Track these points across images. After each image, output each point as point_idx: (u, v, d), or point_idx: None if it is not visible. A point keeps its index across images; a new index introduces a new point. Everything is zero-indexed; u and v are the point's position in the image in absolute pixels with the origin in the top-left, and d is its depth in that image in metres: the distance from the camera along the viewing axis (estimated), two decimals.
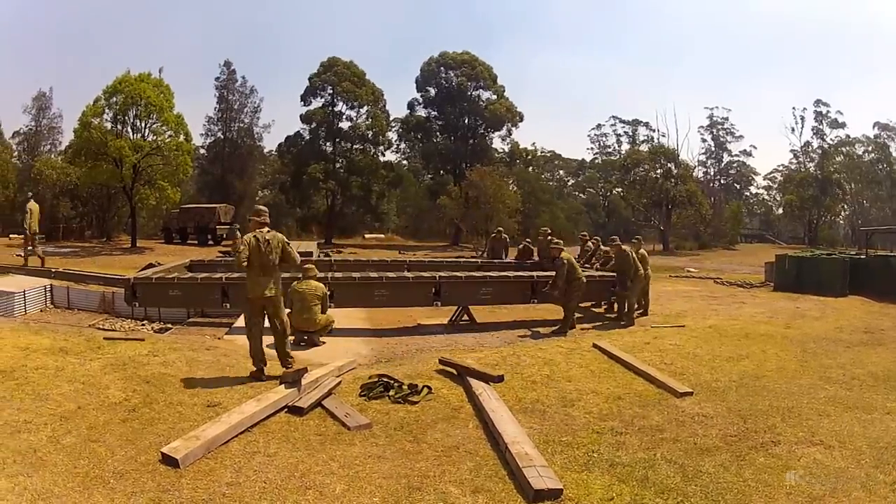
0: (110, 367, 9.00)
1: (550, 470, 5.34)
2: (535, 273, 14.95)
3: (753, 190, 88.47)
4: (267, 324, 8.90)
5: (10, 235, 54.56)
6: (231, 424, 6.48)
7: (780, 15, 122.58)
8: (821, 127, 71.04)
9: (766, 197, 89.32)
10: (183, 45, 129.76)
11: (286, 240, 8.76)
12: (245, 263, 8.40)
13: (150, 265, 19.82)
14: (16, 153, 67.37)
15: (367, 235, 65.04)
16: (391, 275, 14.52)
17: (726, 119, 75.71)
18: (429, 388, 8.16)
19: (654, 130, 75.68)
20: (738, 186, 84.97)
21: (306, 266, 11.88)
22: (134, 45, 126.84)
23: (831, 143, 70.87)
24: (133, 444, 6.15)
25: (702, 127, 75.57)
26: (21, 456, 5.75)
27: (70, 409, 7.15)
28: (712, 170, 79.07)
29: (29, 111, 68.47)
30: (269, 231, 8.65)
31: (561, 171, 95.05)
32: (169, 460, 5.67)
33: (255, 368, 8.77)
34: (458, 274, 14.78)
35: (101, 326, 13.25)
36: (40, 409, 7.08)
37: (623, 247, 14.06)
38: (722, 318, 13.71)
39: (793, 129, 72.00)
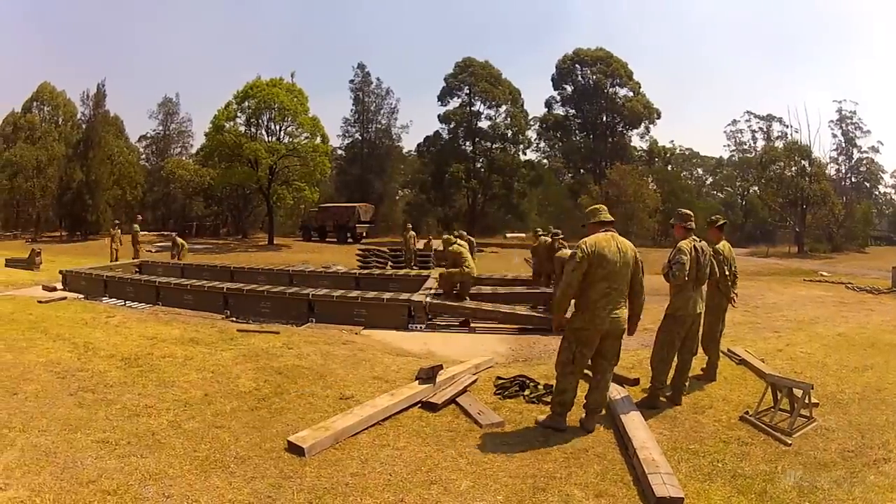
0: (242, 358, 9.28)
1: (675, 478, 5.25)
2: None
3: (882, 189, 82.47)
4: None
5: (140, 232, 58.92)
6: (362, 417, 6.45)
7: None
8: None
9: (895, 196, 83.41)
10: (312, 47, 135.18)
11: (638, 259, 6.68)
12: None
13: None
14: (143, 155, 73.16)
15: (508, 235, 65.25)
16: None
17: (854, 113, 70.51)
18: None
19: (787, 126, 71.53)
20: (867, 185, 79.34)
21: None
22: (261, 49, 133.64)
23: None
24: (259, 432, 6.21)
25: (832, 122, 70.60)
26: (137, 438, 5.91)
27: (196, 396, 7.35)
28: (843, 167, 74.11)
29: (155, 116, 75.22)
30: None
31: (699, 170, 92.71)
32: (295, 449, 5.68)
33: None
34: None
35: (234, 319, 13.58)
36: (164, 395, 7.31)
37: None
38: (851, 326, 13.08)
39: None
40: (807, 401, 6.78)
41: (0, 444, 5.66)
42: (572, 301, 6.54)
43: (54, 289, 17.22)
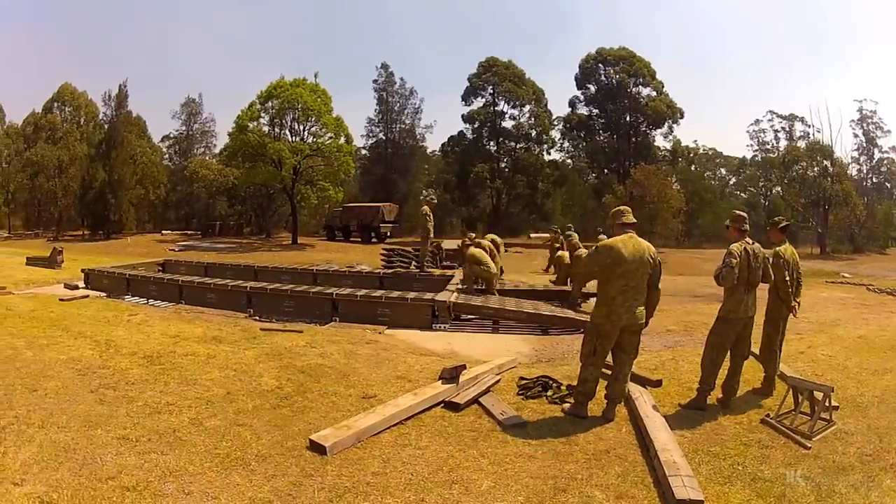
0: (265, 357, 9.35)
1: (695, 480, 5.29)
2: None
3: None
4: None
5: (163, 231, 59.78)
6: (384, 416, 6.49)
7: None
8: None
9: None
10: (334, 47, 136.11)
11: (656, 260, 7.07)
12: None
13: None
14: (166, 156, 74.96)
15: (532, 235, 65.26)
16: None
17: (874, 112, 69.52)
18: None
19: (809, 126, 70.75)
20: (888, 185, 78.10)
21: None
22: (284, 50, 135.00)
23: None
24: (281, 430, 6.26)
25: (853, 121, 69.59)
26: (158, 435, 5.97)
27: (218, 394, 7.41)
28: (864, 167, 73.03)
29: (178, 116, 76.15)
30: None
31: (723, 170, 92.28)
32: (316, 447, 5.71)
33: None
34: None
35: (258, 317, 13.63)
36: (186, 393, 7.39)
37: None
38: (872, 329, 13.13)
39: None
40: (827, 404, 6.76)
41: (18, 440, 5.74)
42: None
43: (76, 287, 17.39)
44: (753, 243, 7.45)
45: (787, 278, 8.06)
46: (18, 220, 69.53)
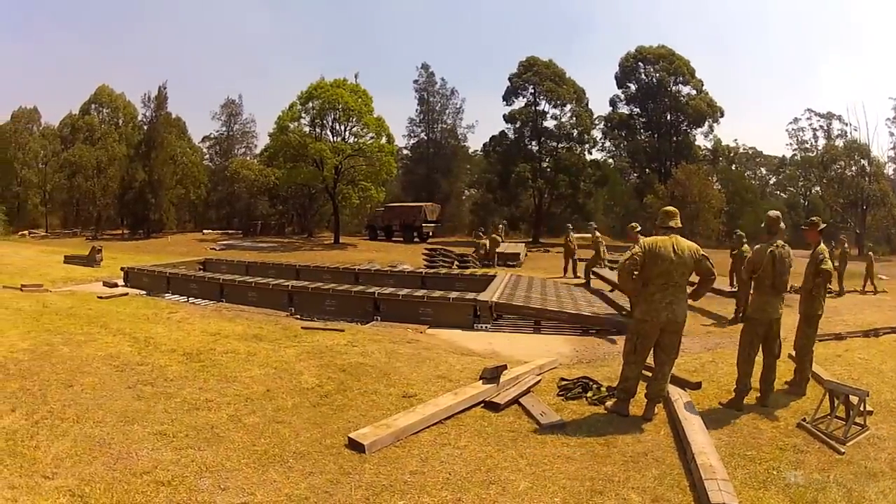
0: (306, 355, 9.41)
1: (730, 485, 5.30)
2: None
3: None
4: None
5: (204, 231, 60.80)
6: (424, 416, 6.50)
7: None
8: None
9: None
10: (373, 47, 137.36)
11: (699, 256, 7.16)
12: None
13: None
14: (207, 156, 76.16)
15: (574, 235, 64.87)
16: None
17: None
18: None
19: (847, 124, 69.28)
20: None
21: None
22: (323, 50, 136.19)
23: None
24: (320, 428, 6.29)
25: (888, 119, 67.84)
26: (195, 431, 6.02)
27: (258, 392, 7.46)
28: None
29: (218, 117, 76.79)
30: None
31: (762, 169, 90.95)
32: (355, 445, 5.74)
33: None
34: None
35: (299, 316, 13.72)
36: (225, 390, 7.44)
37: None
38: None
39: None
40: (862, 408, 6.71)
41: (51, 435, 5.83)
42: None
43: (115, 285, 17.69)
44: (783, 246, 7.59)
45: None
46: (56, 219, 70.83)
